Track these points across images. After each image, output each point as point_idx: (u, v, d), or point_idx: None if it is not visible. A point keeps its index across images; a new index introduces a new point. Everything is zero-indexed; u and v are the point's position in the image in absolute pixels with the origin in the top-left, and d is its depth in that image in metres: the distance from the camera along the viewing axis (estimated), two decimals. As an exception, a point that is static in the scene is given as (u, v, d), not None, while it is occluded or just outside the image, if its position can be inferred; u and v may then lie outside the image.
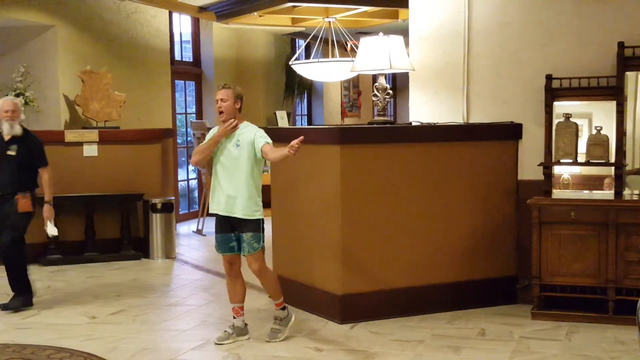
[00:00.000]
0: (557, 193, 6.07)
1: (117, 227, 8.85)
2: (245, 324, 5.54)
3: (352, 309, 5.88)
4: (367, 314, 5.91)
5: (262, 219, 5.37)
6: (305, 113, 15.05)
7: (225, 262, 5.47)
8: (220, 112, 5.33)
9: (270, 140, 5.27)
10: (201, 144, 5.49)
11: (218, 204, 5.35)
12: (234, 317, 5.52)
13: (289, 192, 6.47)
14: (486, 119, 6.50)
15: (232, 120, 5.32)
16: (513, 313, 6.12)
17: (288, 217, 6.51)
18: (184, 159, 12.46)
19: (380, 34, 6.42)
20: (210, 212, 5.52)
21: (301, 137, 5.00)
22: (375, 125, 6.31)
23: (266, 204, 6.24)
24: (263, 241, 5.35)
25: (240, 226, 5.31)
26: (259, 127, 5.41)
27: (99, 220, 8.80)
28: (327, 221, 5.99)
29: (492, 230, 6.35)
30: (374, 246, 5.96)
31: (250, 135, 5.29)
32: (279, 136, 6.35)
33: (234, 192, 5.26)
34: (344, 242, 5.86)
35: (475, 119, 6.57)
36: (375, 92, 6.54)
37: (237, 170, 5.27)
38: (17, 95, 8.61)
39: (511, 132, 6.39)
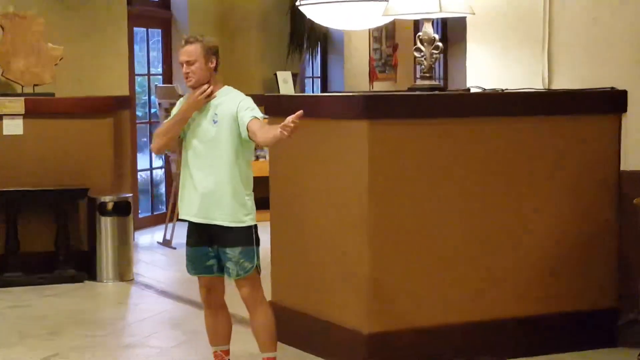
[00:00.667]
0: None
1: (51, 237, 8.88)
2: (232, 377, 5.59)
3: (383, 352, 5.90)
4: (402, 358, 5.94)
5: (255, 226, 5.39)
6: (319, 75, 15.06)
7: (201, 287, 5.49)
8: (188, 78, 5.35)
9: (259, 114, 5.24)
10: (164, 122, 5.51)
11: (189, 207, 5.35)
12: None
13: (294, 189, 6.50)
14: (576, 85, 6.50)
15: (205, 86, 5.34)
16: (613, 360, 6.15)
17: (293, 225, 6.54)
18: (145, 139, 12.52)
19: (426, -38, 6.44)
20: (180, 217, 5.53)
21: (299, 112, 4.94)
22: (418, 93, 6.33)
23: (262, 204, 6.28)
24: (258, 258, 5.37)
25: (222, 238, 5.30)
26: (246, 95, 5.42)
27: (24, 227, 8.85)
28: (348, 232, 6.01)
29: (583, 242, 6.35)
30: (414, 268, 5.98)
31: (232, 107, 5.27)
32: (280, 109, 6.38)
33: (211, 188, 5.25)
34: (372, 263, 5.88)
35: (561, 84, 6.58)
36: (419, 45, 6.56)
37: (215, 156, 5.27)
38: None
39: (612, 102, 6.39)
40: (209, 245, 5.36)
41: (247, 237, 5.31)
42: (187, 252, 5.45)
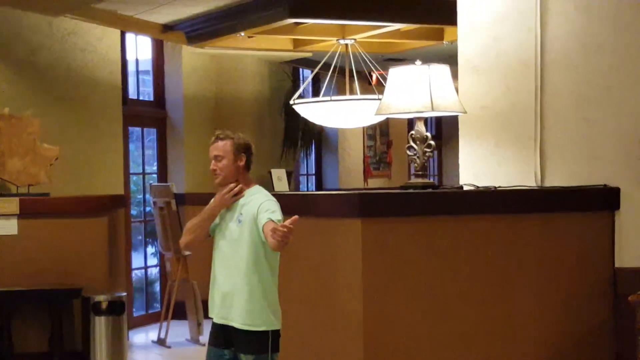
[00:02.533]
0: (671, 287, 6.06)
1: (45, 338, 8.84)
2: None
3: None
4: None
5: (275, 332, 5.32)
6: (314, 172, 15.13)
7: None
8: (215, 174, 5.33)
9: (278, 217, 5.17)
10: (194, 218, 5.48)
11: (212, 305, 5.35)
12: None
13: (293, 284, 6.48)
14: (569, 182, 6.52)
15: (233, 185, 5.32)
16: None
17: (286, 323, 6.49)
18: (140, 237, 12.51)
19: (418, 62, 6.50)
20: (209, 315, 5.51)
21: (295, 217, 4.92)
22: (411, 191, 6.34)
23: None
24: None
25: (237, 342, 5.26)
26: (272, 194, 5.38)
27: (18, 328, 8.80)
28: (344, 325, 5.96)
29: (578, 341, 6.29)
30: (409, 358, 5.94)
31: (254, 208, 5.22)
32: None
33: (230, 288, 5.23)
34: (367, 353, 5.82)
35: (553, 181, 6.59)
36: (412, 143, 6.59)
37: (237, 257, 5.24)
38: None
39: (604, 199, 6.39)
40: (226, 347, 5.30)
41: (261, 343, 5.25)
42: (208, 350, 5.40)
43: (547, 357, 6.24)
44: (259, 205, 5.22)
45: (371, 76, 11.01)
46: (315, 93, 13.23)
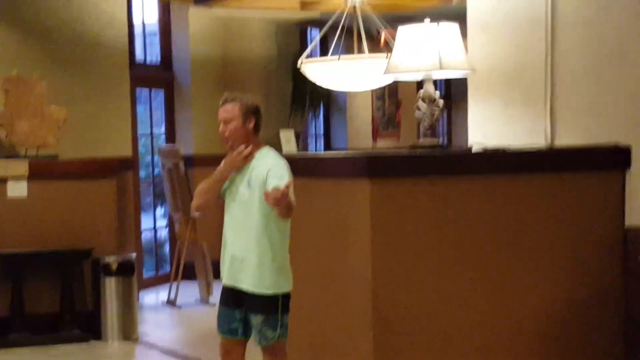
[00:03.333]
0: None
1: (56, 298, 8.88)
2: None
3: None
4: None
5: (285, 295, 5.31)
6: (322, 133, 15.10)
7: (221, 348, 5.44)
8: (225, 137, 5.29)
9: (286, 181, 5.13)
10: (204, 181, 5.44)
11: (223, 268, 5.36)
12: None
13: (297, 248, 6.47)
14: (579, 141, 6.49)
15: (243, 147, 5.28)
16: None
17: (301, 282, 6.49)
18: (149, 199, 12.51)
19: (427, 20, 6.46)
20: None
21: (288, 183, 4.92)
22: (420, 152, 6.32)
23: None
24: (282, 327, 5.30)
25: (247, 303, 5.27)
26: (282, 156, 5.34)
27: (29, 289, 8.84)
28: (352, 289, 5.97)
29: (588, 301, 6.30)
30: (419, 324, 5.95)
31: (263, 172, 5.20)
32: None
33: (239, 251, 5.23)
34: (377, 319, 5.85)
35: (563, 140, 6.57)
36: (420, 103, 6.56)
37: (246, 220, 5.22)
38: None
39: (615, 158, 6.37)
40: (237, 307, 5.31)
41: (270, 305, 5.26)
42: (218, 309, 5.42)
43: (557, 317, 6.24)
44: (268, 170, 5.20)
45: (380, 36, 10.94)
46: (324, 54, 13.16)
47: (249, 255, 5.20)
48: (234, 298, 5.30)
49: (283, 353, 5.34)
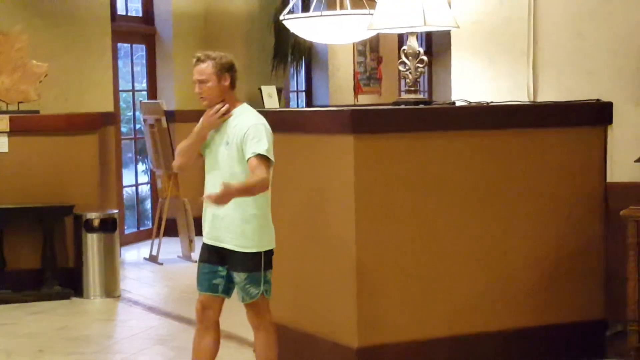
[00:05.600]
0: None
1: (38, 254, 8.87)
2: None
3: (373, 367, 5.91)
4: (393, 374, 5.94)
5: (267, 252, 5.31)
6: (304, 89, 15.08)
7: (198, 302, 5.42)
8: (201, 97, 5.26)
9: (266, 145, 5.11)
10: (184, 140, 5.41)
11: (204, 226, 5.34)
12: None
13: (280, 204, 6.49)
14: (561, 97, 6.51)
15: (219, 105, 5.26)
16: (601, 372, 6.16)
17: (279, 240, 6.51)
18: (131, 155, 12.49)
19: (410, -25, 6.44)
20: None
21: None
22: (403, 107, 6.32)
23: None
24: (266, 283, 5.31)
25: (230, 261, 5.27)
26: (260, 111, 5.34)
27: (10, 245, 8.84)
28: (336, 245, 6.00)
29: (570, 255, 6.36)
30: (402, 281, 5.98)
31: (241, 132, 5.17)
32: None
33: (222, 211, 5.18)
34: (360, 275, 5.87)
35: (546, 96, 6.58)
36: (403, 59, 6.56)
37: (227, 178, 5.15)
38: None
39: (597, 114, 6.40)
40: (220, 264, 5.31)
41: (253, 262, 5.25)
42: (198, 267, 5.40)
43: (539, 273, 6.30)
44: (246, 130, 5.17)
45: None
46: (305, 8, 13.11)
47: (231, 213, 5.19)
48: (217, 255, 5.30)
49: (267, 309, 5.36)
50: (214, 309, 5.41)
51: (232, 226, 5.21)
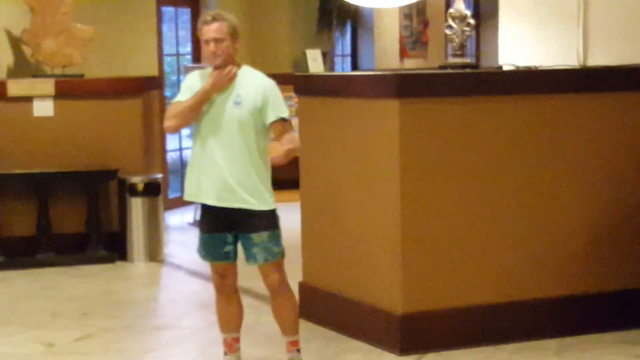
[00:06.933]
0: None
1: (82, 218, 8.96)
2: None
3: (418, 334, 5.93)
4: (438, 341, 5.96)
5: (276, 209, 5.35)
6: (349, 53, 15.06)
7: (215, 274, 5.42)
8: (216, 56, 5.20)
9: (286, 113, 5.22)
10: (176, 102, 5.33)
11: (207, 190, 5.24)
12: (225, 354, 5.51)
13: (325, 169, 6.51)
14: (612, 61, 6.46)
15: (231, 66, 5.24)
16: (648, 341, 6.16)
17: (324, 205, 6.54)
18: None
19: None
20: (188, 199, 5.42)
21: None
22: (449, 71, 6.30)
23: (292, 184, 6.26)
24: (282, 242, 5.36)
25: (245, 223, 5.24)
26: (268, 77, 5.32)
27: (55, 209, 8.92)
28: (380, 211, 6.01)
29: (621, 221, 6.32)
30: (448, 247, 5.99)
31: (256, 94, 5.21)
32: (310, 88, 6.39)
33: (237, 171, 5.18)
34: (405, 241, 5.89)
35: (597, 60, 6.54)
36: (450, 22, 6.53)
37: (238, 138, 5.19)
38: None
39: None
40: (228, 231, 5.28)
41: (273, 220, 5.27)
42: (203, 238, 5.36)
43: (587, 239, 6.27)
44: (263, 90, 5.22)
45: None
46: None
47: (248, 172, 5.19)
48: (226, 221, 5.27)
49: (284, 268, 5.36)
50: (232, 277, 5.42)
51: (248, 184, 5.19)
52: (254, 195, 5.21)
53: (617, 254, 6.35)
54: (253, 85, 5.23)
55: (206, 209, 5.32)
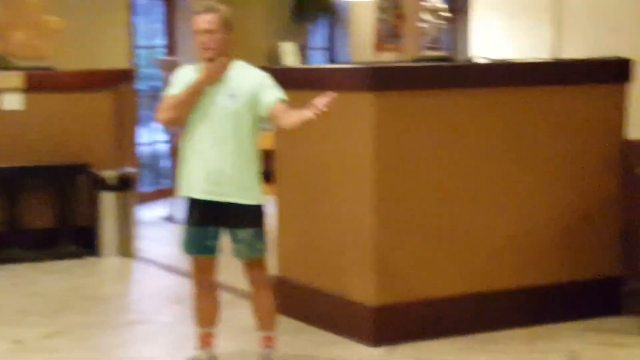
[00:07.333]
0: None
1: (52, 213, 8.93)
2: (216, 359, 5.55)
3: (391, 325, 5.97)
4: (411, 332, 6.00)
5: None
6: (325, 46, 15.05)
7: (195, 268, 5.42)
8: (208, 49, 5.19)
9: (283, 95, 5.19)
10: (170, 94, 5.33)
11: (198, 184, 5.26)
12: (200, 348, 5.50)
13: (301, 162, 6.52)
14: (584, 55, 6.50)
15: (224, 58, 5.23)
16: (616, 328, 6.22)
17: (299, 198, 6.56)
18: (148, 112, 12.51)
19: None
20: (183, 194, 5.41)
21: (331, 95, 4.88)
22: (424, 64, 6.33)
23: (266, 177, 6.26)
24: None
25: (232, 218, 5.25)
26: (258, 69, 5.34)
27: (25, 203, 8.88)
28: (354, 203, 6.04)
29: (587, 213, 6.39)
30: (421, 239, 6.03)
31: (252, 83, 5.20)
32: (283, 81, 6.39)
33: (227, 165, 5.19)
34: (378, 233, 5.92)
35: (568, 54, 6.58)
36: (425, 15, 6.55)
37: (231, 131, 5.18)
38: None
39: (616, 71, 6.40)
40: (212, 224, 5.28)
41: (259, 217, 5.28)
42: (189, 231, 5.34)
43: (556, 231, 6.33)
44: (259, 81, 5.21)
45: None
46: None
47: (240, 166, 5.20)
48: (211, 213, 5.26)
49: (267, 264, 5.38)
50: (211, 271, 5.43)
51: (240, 179, 5.19)
52: (244, 190, 5.22)
53: (587, 243, 6.42)
54: (247, 77, 5.23)
55: (195, 202, 5.30)
